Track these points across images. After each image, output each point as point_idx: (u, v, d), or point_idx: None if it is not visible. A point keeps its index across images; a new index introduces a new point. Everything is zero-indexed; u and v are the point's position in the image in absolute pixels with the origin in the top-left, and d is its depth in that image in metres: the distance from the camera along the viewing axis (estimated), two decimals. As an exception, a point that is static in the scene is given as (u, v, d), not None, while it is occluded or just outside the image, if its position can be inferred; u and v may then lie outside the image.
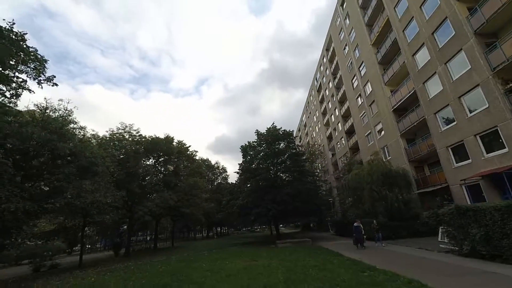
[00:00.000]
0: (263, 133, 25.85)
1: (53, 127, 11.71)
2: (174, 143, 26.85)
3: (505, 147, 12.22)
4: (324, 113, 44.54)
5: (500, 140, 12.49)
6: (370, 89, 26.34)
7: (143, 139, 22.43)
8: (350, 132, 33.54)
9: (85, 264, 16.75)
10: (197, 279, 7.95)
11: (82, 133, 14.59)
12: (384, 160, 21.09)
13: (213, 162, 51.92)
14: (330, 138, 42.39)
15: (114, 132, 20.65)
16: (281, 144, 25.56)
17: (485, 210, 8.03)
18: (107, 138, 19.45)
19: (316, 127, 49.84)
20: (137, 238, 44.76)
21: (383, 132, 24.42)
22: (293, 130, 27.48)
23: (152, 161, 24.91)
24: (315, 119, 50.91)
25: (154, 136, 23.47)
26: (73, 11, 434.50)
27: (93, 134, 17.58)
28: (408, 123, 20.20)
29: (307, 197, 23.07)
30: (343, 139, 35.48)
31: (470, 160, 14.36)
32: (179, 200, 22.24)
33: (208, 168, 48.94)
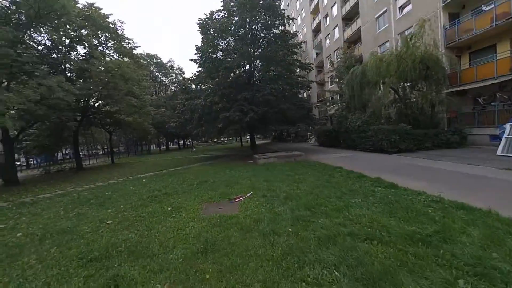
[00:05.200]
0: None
1: None
2: (80, 5, 15.52)
3: None
4: (312, -5, 33.27)
5: None
6: None
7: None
8: (349, 18, 25.07)
9: None
10: None
11: None
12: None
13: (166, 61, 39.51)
14: (317, 30, 33.31)
15: None
16: (262, 19, 16.53)
17: None
18: None
19: (299, 18, 38.93)
20: (82, 154, 35.84)
21: (409, 7, 16.88)
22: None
23: (45, 30, 14.05)
24: (297, 6, 39.20)
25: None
26: None
27: None
28: (468, -19, 12.85)
29: (297, 99, 16.89)
30: (337, 28, 27.13)
31: None
32: (90, 94, 13.59)
33: (158, 67, 37.37)
